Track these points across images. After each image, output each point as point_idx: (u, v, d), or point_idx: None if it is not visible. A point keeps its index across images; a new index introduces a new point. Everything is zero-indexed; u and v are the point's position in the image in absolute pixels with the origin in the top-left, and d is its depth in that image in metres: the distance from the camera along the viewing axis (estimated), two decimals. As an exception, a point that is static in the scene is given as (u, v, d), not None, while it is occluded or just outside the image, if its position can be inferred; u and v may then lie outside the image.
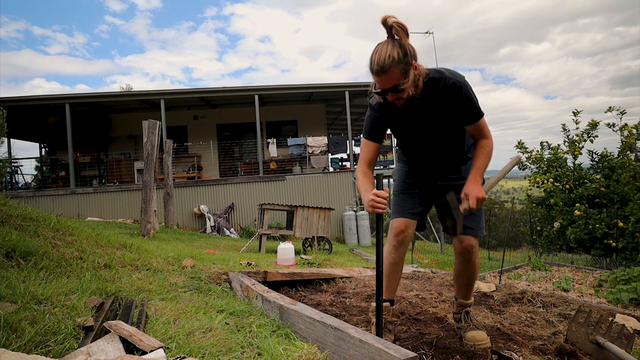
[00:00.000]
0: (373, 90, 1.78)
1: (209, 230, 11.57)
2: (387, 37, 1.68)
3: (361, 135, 2.19)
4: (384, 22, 1.66)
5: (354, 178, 13.34)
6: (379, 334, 1.77)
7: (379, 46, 1.67)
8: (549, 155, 10.58)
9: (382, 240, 1.72)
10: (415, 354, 1.27)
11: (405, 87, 1.67)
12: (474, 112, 1.79)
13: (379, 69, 1.64)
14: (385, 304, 2.02)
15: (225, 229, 11.66)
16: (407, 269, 4.23)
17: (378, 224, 1.75)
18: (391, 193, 2.07)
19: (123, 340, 1.49)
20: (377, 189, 1.70)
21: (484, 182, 1.89)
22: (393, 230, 2.01)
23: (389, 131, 2.03)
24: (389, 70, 1.63)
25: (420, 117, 1.87)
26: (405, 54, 1.63)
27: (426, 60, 1.74)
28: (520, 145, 11.04)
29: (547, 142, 10.92)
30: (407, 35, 1.67)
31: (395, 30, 1.65)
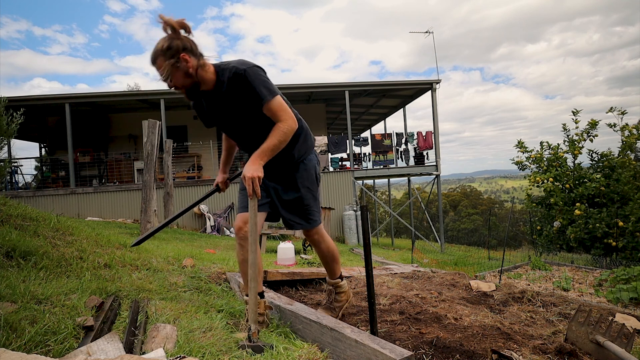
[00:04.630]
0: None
1: (209, 230, 11.57)
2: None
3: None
4: (159, 21, 1.76)
5: (354, 178, 13.34)
6: (374, 332, 1.78)
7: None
8: (549, 155, 10.57)
9: (370, 242, 1.81)
10: (411, 353, 1.28)
11: (174, 78, 1.75)
12: (259, 96, 1.78)
13: (150, 60, 1.77)
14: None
15: (225, 228, 11.65)
16: (407, 268, 4.23)
17: (364, 224, 1.79)
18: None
19: (123, 340, 1.49)
20: (363, 221, 1.80)
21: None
22: (234, 227, 1.99)
23: None
24: (155, 62, 1.75)
25: (221, 109, 1.92)
26: (169, 47, 1.72)
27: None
28: (520, 145, 11.04)
29: (547, 142, 10.92)
30: (177, 30, 1.74)
31: (163, 27, 1.75)
